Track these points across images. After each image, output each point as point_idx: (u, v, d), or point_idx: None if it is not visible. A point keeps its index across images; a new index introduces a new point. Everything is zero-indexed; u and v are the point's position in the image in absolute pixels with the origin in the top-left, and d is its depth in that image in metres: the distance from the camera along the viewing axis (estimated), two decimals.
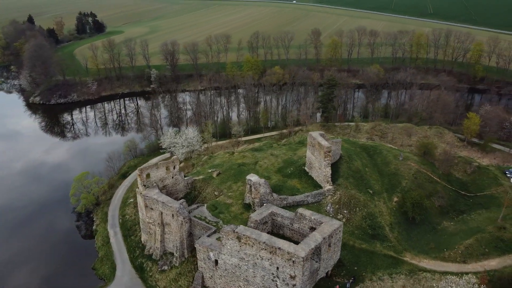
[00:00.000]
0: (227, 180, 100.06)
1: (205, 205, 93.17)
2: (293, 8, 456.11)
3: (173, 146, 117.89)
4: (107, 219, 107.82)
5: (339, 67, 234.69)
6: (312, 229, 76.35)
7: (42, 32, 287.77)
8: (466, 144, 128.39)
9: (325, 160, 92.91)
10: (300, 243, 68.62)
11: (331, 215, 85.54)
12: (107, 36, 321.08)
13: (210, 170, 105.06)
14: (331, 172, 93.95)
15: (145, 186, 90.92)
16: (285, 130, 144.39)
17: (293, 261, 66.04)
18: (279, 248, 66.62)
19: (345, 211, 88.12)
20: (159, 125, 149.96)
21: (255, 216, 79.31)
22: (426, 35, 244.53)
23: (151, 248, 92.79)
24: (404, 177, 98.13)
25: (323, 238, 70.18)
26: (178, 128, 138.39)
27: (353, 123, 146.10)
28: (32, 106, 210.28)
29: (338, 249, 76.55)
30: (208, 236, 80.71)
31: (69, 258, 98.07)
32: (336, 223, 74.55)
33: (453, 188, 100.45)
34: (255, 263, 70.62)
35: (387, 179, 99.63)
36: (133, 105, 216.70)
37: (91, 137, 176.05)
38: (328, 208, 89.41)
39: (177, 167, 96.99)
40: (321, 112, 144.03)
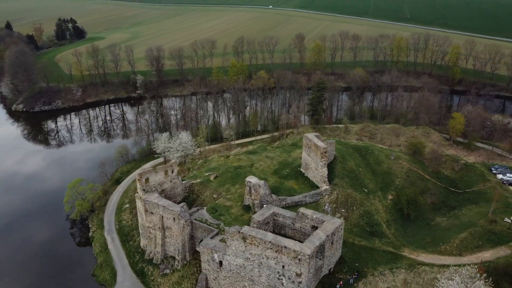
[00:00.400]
0: (225, 183, 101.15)
1: (205, 208, 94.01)
2: (274, 14, 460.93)
3: (167, 151, 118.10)
4: (103, 225, 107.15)
5: (323, 71, 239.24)
6: (314, 228, 78.26)
7: (22, 38, 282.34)
8: (452, 143, 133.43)
9: (322, 161, 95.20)
10: (305, 241, 70.37)
11: (330, 214, 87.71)
12: (88, 42, 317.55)
13: (207, 174, 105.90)
14: (327, 173, 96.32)
15: (145, 191, 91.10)
16: (276, 133, 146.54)
17: (299, 259, 67.68)
18: (285, 247, 68.17)
19: (343, 210, 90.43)
20: (151, 130, 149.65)
21: (258, 217, 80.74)
22: (406, 39, 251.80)
23: (151, 253, 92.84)
24: (397, 176, 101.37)
25: (327, 236, 72.15)
26: (170, 133, 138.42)
27: (342, 125, 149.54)
28: (15, 114, 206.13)
29: (340, 247, 78.71)
30: (211, 238, 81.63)
31: (67, 266, 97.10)
32: (338, 221, 76.72)
33: (443, 185, 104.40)
34: (261, 263, 71.89)
35: (381, 178, 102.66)
36: (119, 111, 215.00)
37: (78, 144, 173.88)
38: (326, 208, 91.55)
39: (175, 171, 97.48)
40: (311, 115, 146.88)
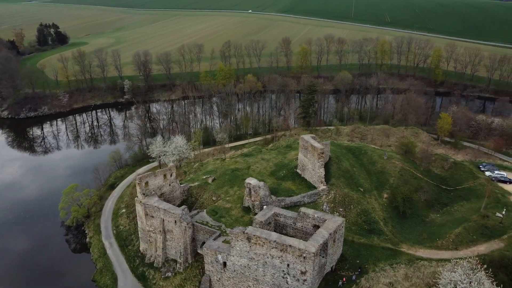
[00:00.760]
0: (223, 185, 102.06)
1: (205, 211, 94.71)
2: (258, 18, 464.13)
3: (163, 155, 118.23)
4: (101, 231, 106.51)
5: (310, 74, 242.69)
6: (316, 227, 79.93)
7: (4, 44, 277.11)
8: (440, 143, 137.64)
9: (319, 161, 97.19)
10: (309, 240, 71.95)
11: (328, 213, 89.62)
12: (71, 48, 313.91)
13: (205, 177, 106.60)
14: (324, 173, 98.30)
15: (144, 195, 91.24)
16: (268, 136, 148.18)
17: (304, 257, 69.14)
18: (290, 246, 69.55)
19: (341, 209, 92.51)
20: (143, 135, 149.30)
21: (260, 218, 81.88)
22: (389, 42, 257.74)
23: (152, 256, 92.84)
24: (391, 175, 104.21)
25: (329, 234, 73.89)
26: (163, 137, 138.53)
27: (333, 127, 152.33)
28: None
29: (341, 244, 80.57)
30: (214, 240, 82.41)
31: (66, 272, 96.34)
32: (339, 220, 78.59)
33: (435, 183, 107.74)
34: (265, 262, 73.04)
35: (375, 177, 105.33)
36: (106, 117, 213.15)
37: (66, 150, 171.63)
38: (325, 207, 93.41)
39: (174, 175, 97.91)
40: (303, 117, 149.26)
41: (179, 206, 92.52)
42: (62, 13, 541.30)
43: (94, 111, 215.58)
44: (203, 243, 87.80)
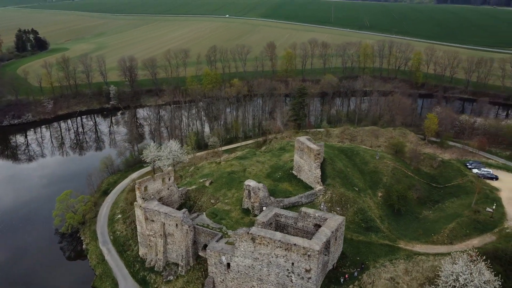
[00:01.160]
0: (221, 188, 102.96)
1: (204, 213, 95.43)
2: (239, 23, 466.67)
3: (158, 159, 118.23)
4: (97, 237, 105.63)
5: (295, 78, 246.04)
6: (316, 226, 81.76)
7: None
8: (427, 142, 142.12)
9: (315, 162, 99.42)
10: (313, 238, 73.64)
11: None
12: (51, 54, 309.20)
13: (202, 180, 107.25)
14: (320, 173, 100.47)
15: (144, 199, 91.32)
16: (260, 139, 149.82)
17: (309, 255, 70.77)
18: (295, 244, 71.06)
19: (338, 208, 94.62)
20: (135, 141, 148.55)
21: (262, 218, 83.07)
22: (371, 46, 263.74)
23: (152, 261, 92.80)
24: (384, 174, 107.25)
25: (332, 232, 75.81)
26: (154, 142, 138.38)
27: (322, 129, 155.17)
28: None
29: (342, 242, 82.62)
30: (217, 242, 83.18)
31: (64, 280, 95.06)
32: (340, 218, 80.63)
33: (425, 181, 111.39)
34: (270, 262, 74.30)
35: (369, 177, 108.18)
36: (92, 123, 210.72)
37: (54, 157, 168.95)
38: (322, 207, 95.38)
39: (172, 179, 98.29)
40: (293, 120, 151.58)
41: (182, 209, 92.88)
42: (39, 19, 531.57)
43: (80, 118, 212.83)
44: (205, 246, 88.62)
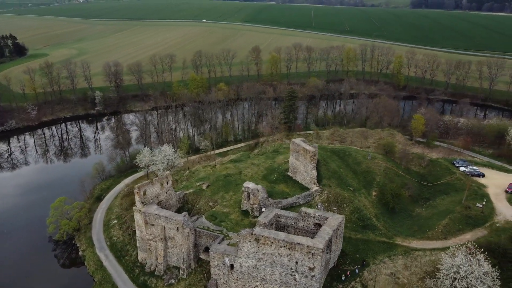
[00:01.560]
0: (218, 191, 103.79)
1: (203, 216, 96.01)
2: (221, 28, 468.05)
3: (152, 164, 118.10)
4: (93, 243, 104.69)
5: (280, 81, 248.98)
6: (317, 225, 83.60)
7: None
8: (414, 143, 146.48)
9: (311, 163, 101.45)
10: (316, 237, 75.31)
11: None
12: (30, 60, 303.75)
13: (199, 183, 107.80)
14: (316, 174, 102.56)
15: (143, 203, 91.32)
16: (251, 142, 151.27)
17: (312, 253, 72.39)
18: (299, 243, 72.58)
19: (335, 208, 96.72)
20: (126, 146, 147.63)
21: (263, 219, 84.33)
22: (354, 50, 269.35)
23: (152, 265, 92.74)
24: (377, 174, 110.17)
25: (333, 231, 77.72)
26: (145, 146, 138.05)
27: (312, 131, 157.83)
28: None
29: (341, 240, 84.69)
30: (219, 243, 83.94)
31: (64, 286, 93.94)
32: (339, 217, 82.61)
33: (416, 180, 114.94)
34: (273, 261, 75.56)
35: (362, 177, 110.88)
36: (76, 129, 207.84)
37: (38, 165, 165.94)
38: (319, 207, 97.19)
39: (170, 183, 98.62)
40: (284, 122, 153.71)
41: (183, 212, 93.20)
42: (15, 24, 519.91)
43: (65, 124, 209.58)
44: (206, 248, 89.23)
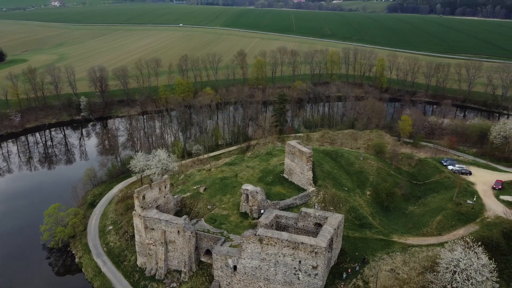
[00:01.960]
0: (216, 194, 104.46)
1: (203, 219, 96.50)
2: (203, 32, 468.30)
3: (147, 168, 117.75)
4: (90, 250, 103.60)
5: (265, 85, 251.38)
6: (317, 225, 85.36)
7: None
8: (402, 143, 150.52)
9: (307, 165, 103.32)
10: (318, 236, 76.98)
11: None
12: (9, 66, 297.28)
13: (196, 187, 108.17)
14: (312, 175, 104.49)
15: (142, 208, 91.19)
16: (243, 145, 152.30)
17: (316, 252, 73.98)
18: (302, 243, 74.10)
19: (331, 208, 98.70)
20: (117, 151, 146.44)
21: (264, 220, 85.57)
22: (338, 53, 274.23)
23: (153, 269, 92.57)
24: (370, 174, 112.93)
25: (334, 230, 79.56)
26: (137, 152, 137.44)
27: (302, 134, 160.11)
28: None
29: (341, 239, 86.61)
30: (221, 245, 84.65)
31: None
32: (339, 216, 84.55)
33: (407, 179, 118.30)
34: (277, 261, 76.80)
35: (355, 177, 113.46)
36: (61, 136, 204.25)
37: (22, 172, 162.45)
38: (316, 207, 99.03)
39: (168, 186, 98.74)
40: (275, 126, 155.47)
41: (183, 216, 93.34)
42: None
43: (49, 130, 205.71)
44: (207, 251, 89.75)
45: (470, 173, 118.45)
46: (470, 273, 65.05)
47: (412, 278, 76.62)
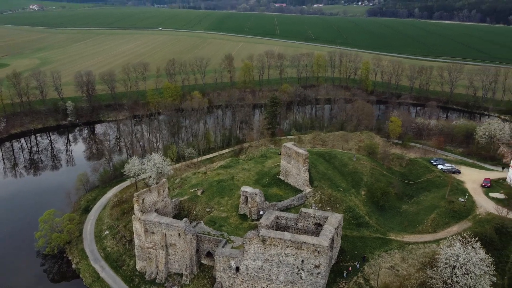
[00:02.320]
0: (214, 197, 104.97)
1: (202, 222, 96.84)
2: (188, 36, 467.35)
3: (142, 173, 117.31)
4: (87, 255, 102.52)
5: (253, 88, 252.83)
6: (317, 225, 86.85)
7: None
8: (392, 144, 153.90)
9: (304, 166, 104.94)
10: (320, 235, 78.47)
11: None
12: None
13: (193, 190, 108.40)
14: (308, 176, 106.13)
15: (142, 212, 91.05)
16: (236, 147, 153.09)
17: (318, 251, 75.45)
18: (305, 242, 75.46)
19: (328, 208, 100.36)
20: (110, 156, 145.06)
21: (265, 221, 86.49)
22: (324, 57, 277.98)
23: (153, 273, 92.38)
24: (364, 174, 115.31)
25: (335, 229, 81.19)
26: (131, 156, 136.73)
27: (293, 136, 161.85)
28: None
29: (340, 238, 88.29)
30: (223, 247, 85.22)
31: None
32: (339, 215, 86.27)
33: (399, 179, 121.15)
34: (280, 261, 77.92)
35: (350, 177, 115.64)
36: (47, 141, 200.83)
37: (6, 179, 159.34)
38: (313, 207, 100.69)
39: (166, 190, 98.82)
40: (267, 128, 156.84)
41: (184, 218, 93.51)
42: None
43: (35, 136, 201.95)
44: (208, 253, 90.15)
45: (459, 172, 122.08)
46: (469, 268, 67.45)
47: (412, 274, 78.84)
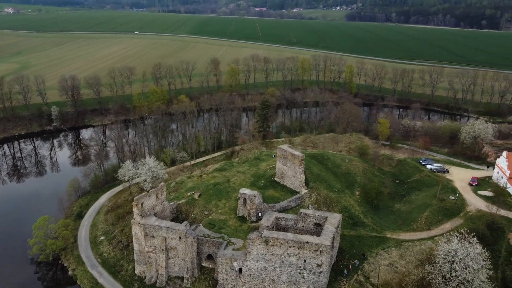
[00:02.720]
0: (211, 200, 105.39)
1: (201, 225, 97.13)
2: (170, 40, 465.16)
3: (137, 177, 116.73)
4: (83, 261, 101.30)
5: (239, 91, 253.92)
6: (317, 225, 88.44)
7: None
8: (380, 145, 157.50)
9: (300, 168, 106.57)
10: (321, 235, 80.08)
11: None
12: None
13: (190, 193, 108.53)
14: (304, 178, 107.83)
15: (141, 216, 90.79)
16: (228, 150, 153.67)
17: (320, 251, 77.05)
18: (307, 242, 76.94)
19: (325, 208, 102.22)
20: (102, 160, 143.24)
21: (265, 222, 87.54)
22: (308, 60, 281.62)
23: (153, 277, 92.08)
24: (357, 175, 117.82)
25: (335, 228, 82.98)
26: (122, 161, 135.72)
27: (283, 138, 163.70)
28: None
29: (339, 237, 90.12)
30: (225, 249, 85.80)
31: None
32: (338, 215, 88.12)
33: (390, 179, 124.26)
34: (282, 262, 79.12)
35: (343, 178, 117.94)
36: (31, 147, 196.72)
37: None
38: (310, 208, 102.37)
39: (164, 194, 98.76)
40: (258, 131, 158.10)
41: (184, 221, 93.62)
42: None
43: (18, 142, 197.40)
44: (209, 255, 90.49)
45: (448, 171, 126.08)
46: (467, 262, 70.14)
47: (411, 271, 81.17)
